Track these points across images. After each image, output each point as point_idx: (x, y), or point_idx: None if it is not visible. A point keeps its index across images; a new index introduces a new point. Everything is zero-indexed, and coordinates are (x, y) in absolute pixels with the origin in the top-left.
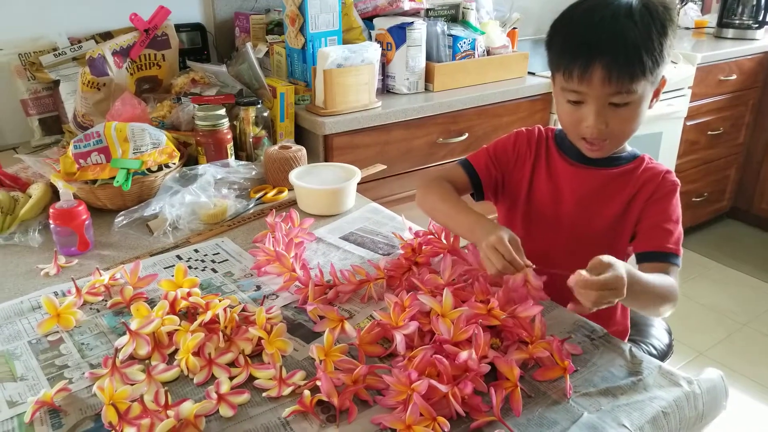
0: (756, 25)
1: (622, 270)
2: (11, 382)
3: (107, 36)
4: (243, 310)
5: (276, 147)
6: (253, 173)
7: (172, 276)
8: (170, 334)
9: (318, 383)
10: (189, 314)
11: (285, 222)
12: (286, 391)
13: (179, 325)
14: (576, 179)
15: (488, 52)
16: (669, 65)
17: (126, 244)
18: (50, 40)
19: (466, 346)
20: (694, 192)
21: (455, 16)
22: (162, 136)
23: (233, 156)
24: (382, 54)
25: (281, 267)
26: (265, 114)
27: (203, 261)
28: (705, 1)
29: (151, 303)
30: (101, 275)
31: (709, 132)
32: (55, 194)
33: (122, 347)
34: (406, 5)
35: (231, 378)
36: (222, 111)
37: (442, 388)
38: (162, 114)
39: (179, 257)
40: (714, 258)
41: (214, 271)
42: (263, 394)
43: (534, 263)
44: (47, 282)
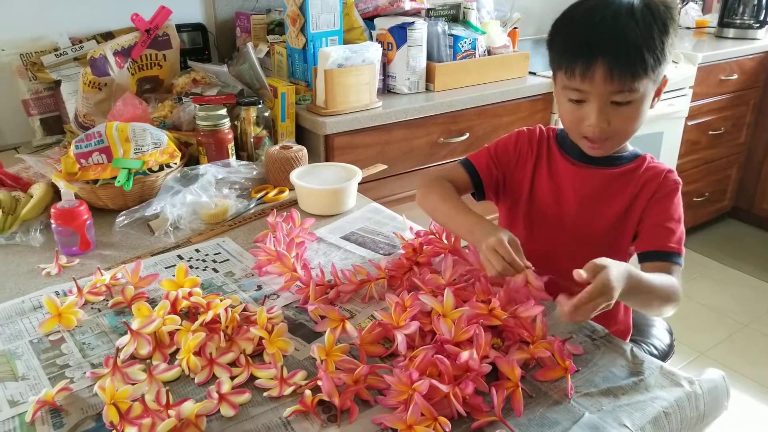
0: (757, 25)
1: (612, 273)
2: (12, 382)
3: (108, 36)
4: (244, 310)
5: (277, 147)
6: (254, 173)
7: (173, 276)
8: (171, 334)
9: (319, 383)
10: (190, 314)
11: (286, 222)
12: (287, 391)
13: (180, 325)
14: (577, 179)
15: (489, 52)
16: (670, 65)
17: (127, 244)
18: (51, 41)
19: (467, 346)
20: (695, 192)
21: (456, 16)
22: (163, 136)
23: (234, 156)
24: (383, 54)
25: (282, 267)
26: (266, 114)
27: (204, 261)
28: (706, 1)
29: (153, 303)
30: (102, 275)
31: (710, 132)
32: (57, 194)
33: (123, 347)
34: (407, 5)
35: (232, 378)
36: (223, 111)
37: (443, 388)
38: (163, 114)
39: (180, 257)
40: (715, 258)
41: (215, 271)
42: (264, 394)
43: (536, 263)
44: (48, 282)
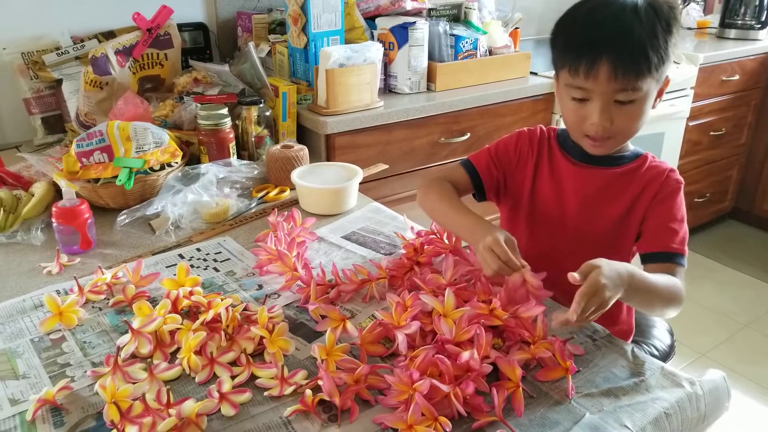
0: (758, 26)
1: (604, 272)
2: (13, 380)
3: (110, 35)
4: (245, 309)
5: (278, 146)
6: (255, 172)
7: (174, 275)
8: (172, 333)
9: (320, 383)
10: (191, 313)
11: (287, 221)
12: (288, 391)
13: (181, 324)
14: (579, 179)
15: (490, 52)
16: (672, 65)
17: (128, 243)
18: (53, 39)
19: (468, 346)
20: (696, 193)
21: (457, 16)
22: (164, 135)
23: (235, 155)
24: (385, 54)
25: (283, 266)
26: (268, 113)
27: (205, 260)
28: (707, 2)
29: (153, 302)
30: (103, 274)
31: (712, 132)
32: (58, 193)
33: (124, 346)
34: (409, 5)
35: (233, 377)
36: (224, 110)
37: (444, 388)
38: (164, 113)
39: (181, 256)
40: (716, 259)
41: (216, 270)
42: (265, 394)
43: (537, 263)
44: (49, 280)
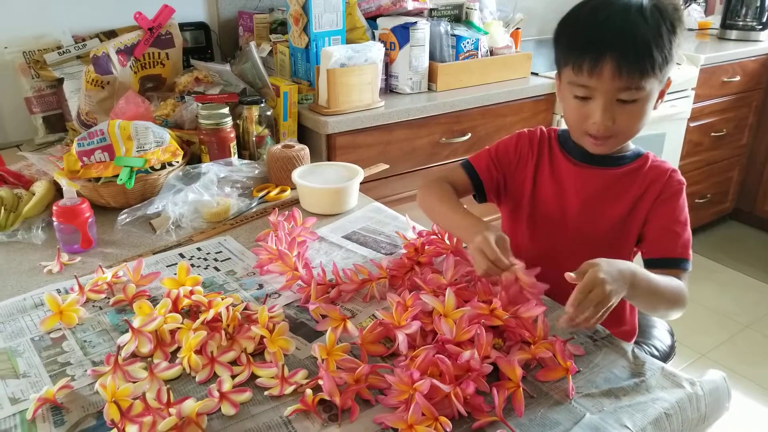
0: (760, 27)
1: (602, 269)
2: (14, 379)
3: (111, 34)
4: (245, 309)
5: (279, 146)
6: (256, 172)
7: (175, 274)
8: (172, 332)
9: (320, 382)
10: (191, 312)
11: (287, 221)
12: (288, 390)
13: (182, 323)
14: (579, 179)
15: (491, 53)
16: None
17: (129, 242)
18: (55, 39)
19: (469, 346)
20: (697, 193)
21: (458, 16)
22: (165, 135)
23: (236, 155)
24: (386, 54)
25: (284, 266)
26: (269, 113)
27: (206, 259)
28: (708, 3)
29: (154, 301)
30: (104, 273)
31: (713, 133)
32: (59, 192)
33: (124, 345)
34: (410, 5)
35: (233, 376)
36: (225, 110)
37: (445, 388)
38: (165, 112)
39: (182, 255)
40: (716, 260)
41: (217, 270)
42: (265, 393)
43: (539, 264)
44: (50, 279)
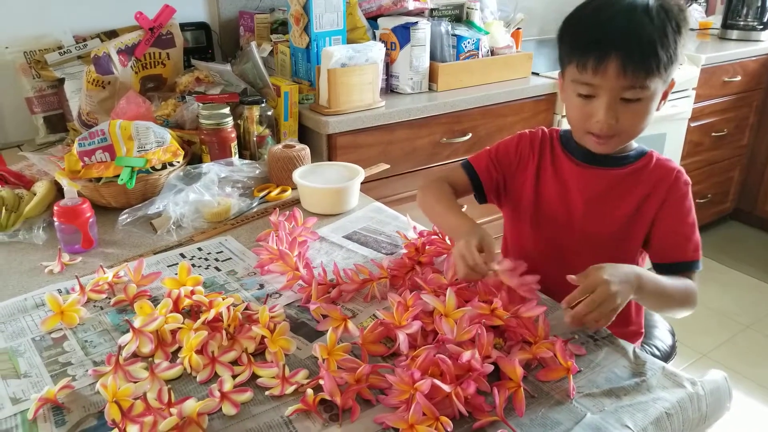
0: (760, 27)
1: (605, 271)
2: (15, 379)
3: (112, 34)
4: (246, 309)
5: (280, 146)
6: (257, 172)
7: (176, 274)
8: (173, 332)
9: (321, 382)
10: (192, 312)
11: (288, 221)
12: (289, 390)
13: (182, 323)
14: (583, 180)
15: (492, 53)
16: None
17: (130, 242)
18: (55, 39)
19: (469, 346)
20: (698, 193)
21: (459, 16)
22: (166, 135)
23: (237, 155)
24: (386, 53)
25: (284, 266)
26: (269, 113)
27: (207, 259)
28: (709, 3)
29: (155, 301)
30: (105, 273)
31: (713, 133)
32: (60, 192)
33: (125, 345)
34: (411, 5)
35: (234, 376)
36: (226, 110)
37: (445, 388)
38: (166, 112)
39: (183, 255)
40: (717, 260)
41: (218, 270)
42: (266, 393)
43: (544, 264)
44: (51, 279)
